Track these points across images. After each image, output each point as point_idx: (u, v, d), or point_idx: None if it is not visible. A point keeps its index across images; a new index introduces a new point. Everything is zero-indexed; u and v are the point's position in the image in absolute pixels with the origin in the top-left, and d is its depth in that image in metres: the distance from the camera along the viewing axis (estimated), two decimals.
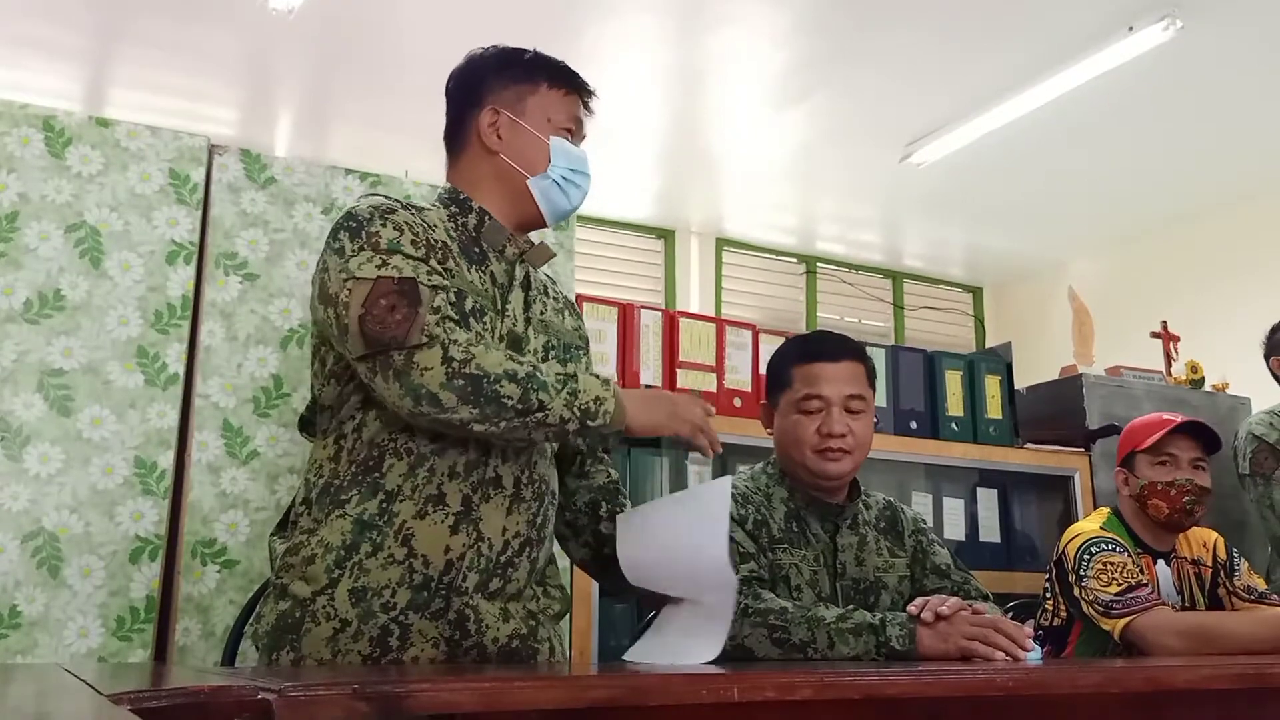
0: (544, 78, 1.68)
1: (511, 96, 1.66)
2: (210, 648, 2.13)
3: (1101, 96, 3.92)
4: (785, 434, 1.95)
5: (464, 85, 1.70)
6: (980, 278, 6.23)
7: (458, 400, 1.40)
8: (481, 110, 1.66)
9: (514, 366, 1.43)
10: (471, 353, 1.42)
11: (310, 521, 1.54)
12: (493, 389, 1.41)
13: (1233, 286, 4.75)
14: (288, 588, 1.51)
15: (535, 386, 1.42)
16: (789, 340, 2.12)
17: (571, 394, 1.44)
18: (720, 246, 5.61)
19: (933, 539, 2.05)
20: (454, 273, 1.54)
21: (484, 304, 1.57)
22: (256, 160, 2.41)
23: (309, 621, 1.47)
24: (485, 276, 1.61)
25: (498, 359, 1.43)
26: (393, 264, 1.47)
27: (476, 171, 1.67)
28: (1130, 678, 1.37)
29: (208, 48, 3.70)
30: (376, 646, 1.47)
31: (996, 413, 3.27)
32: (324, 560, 1.49)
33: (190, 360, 2.26)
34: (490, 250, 1.64)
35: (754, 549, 1.83)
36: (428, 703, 0.90)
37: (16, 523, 2.06)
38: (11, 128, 2.21)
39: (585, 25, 3.58)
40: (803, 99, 4.09)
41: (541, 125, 1.66)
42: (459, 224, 1.63)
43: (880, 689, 1.12)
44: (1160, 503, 2.37)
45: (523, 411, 1.42)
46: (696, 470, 2.87)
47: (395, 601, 1.48)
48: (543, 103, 1.67)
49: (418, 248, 1.50)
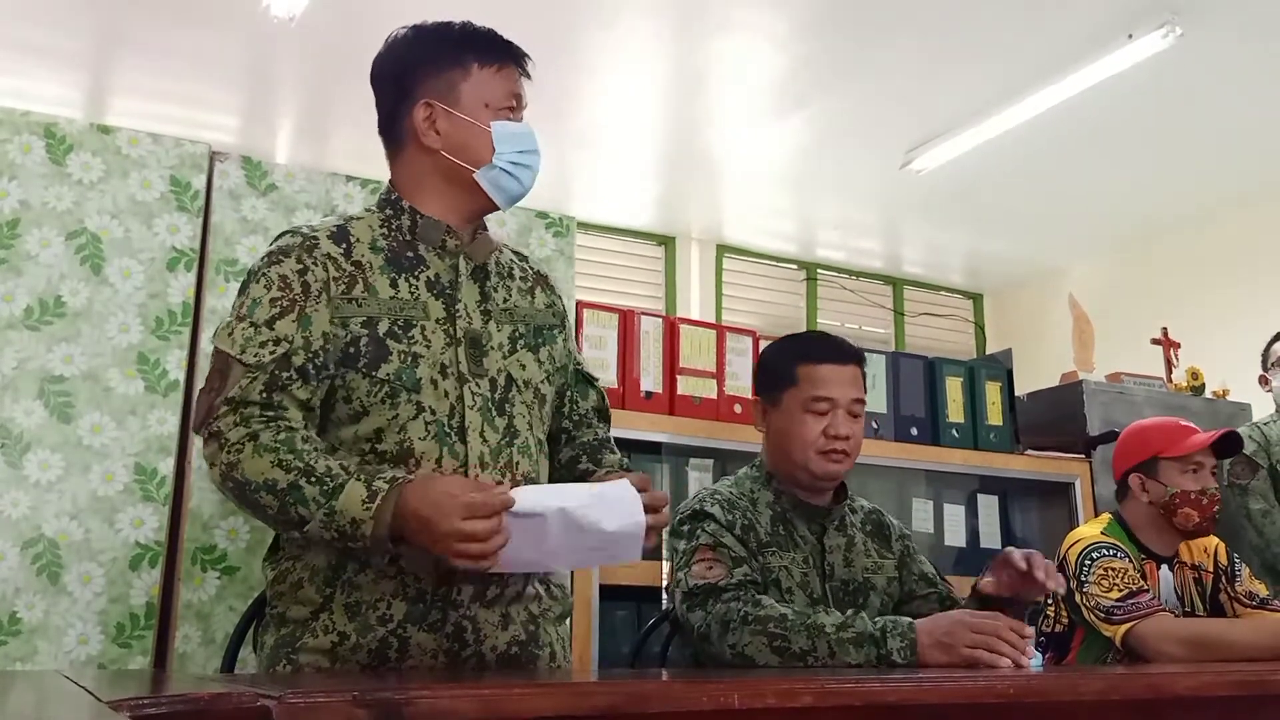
0: (473, 58, 1.58)
1: (443, 86, 1.56)
2: (210, 654, 2.13)
3: (1101, 104, 3.92)
4: (787, 433, 1.94)
5: (391, 77, 1.61)
6: (981, 284, 6.23)
7: (233, 497, 1.44)
8: (414, 105, 1.57)
9: (275, 476, 1.38)
10: (239, 459, 1.40)
11: (295, 548, 1.53)
12: (253, 497, 1.41)
13: (1233, 293, 4.74)
14: (285, 614, 1.51)
15: (294, 500, 1.38)
16: (788, 338, 2.11)
17: (329, 515, 1.36)
18: (720, 253, 5.61)
19: (915, 547, 2.09)
20: (363, 301, 1.50)
21: (411, 317, 1.51)
22: (257, 167, 2.41)
23: (307, 636, 1.48)
24: (418, 285, 1.54)
25: (261, 466, 1.39)
26: (235, 334, 1.47)
27: (417, 169, 1.59)
28: (1131, 684, 1.37)
29: (209, 55, 3.71)
30: (375, 658, 1.46)
31: (997, 419, 3.27)
32: (312, 583, 1.49)
33: (191, 367, 2.26)
34: (429, 251, 1.57)
35: (745, 553, 1.84)
36: (427, 710, 0.90)
37: (16, 529, 2.06)
38: (13, 135, 2.21)
39: (585, 32, 3.58)
40: (803, 105, 4.10)
41: (479, 112, 1.56)
42: (392, 228, 1.58)
43: (881, 696, 1.12)
44: (1192, 511, 2.36)
45: (284, 522, 1.41)
46: (697, 477, 2.87)
47: (392, 614, 1.47)
48: (476, 86, 1.57)
49: (277, 305, 1.47)
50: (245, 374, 1.44)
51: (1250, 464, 3.22)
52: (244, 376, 1.44)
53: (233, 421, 1.43)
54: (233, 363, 1.45)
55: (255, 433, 1.41)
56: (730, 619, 1.71)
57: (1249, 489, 3.20)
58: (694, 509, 1.90)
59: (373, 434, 1.48)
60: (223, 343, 1.47)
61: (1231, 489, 3.25)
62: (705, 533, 1.85)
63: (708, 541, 1.83)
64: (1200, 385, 3.82)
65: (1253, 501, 3.20)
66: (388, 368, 1.48)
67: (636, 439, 2.68)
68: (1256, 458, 3.22)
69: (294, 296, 1.48)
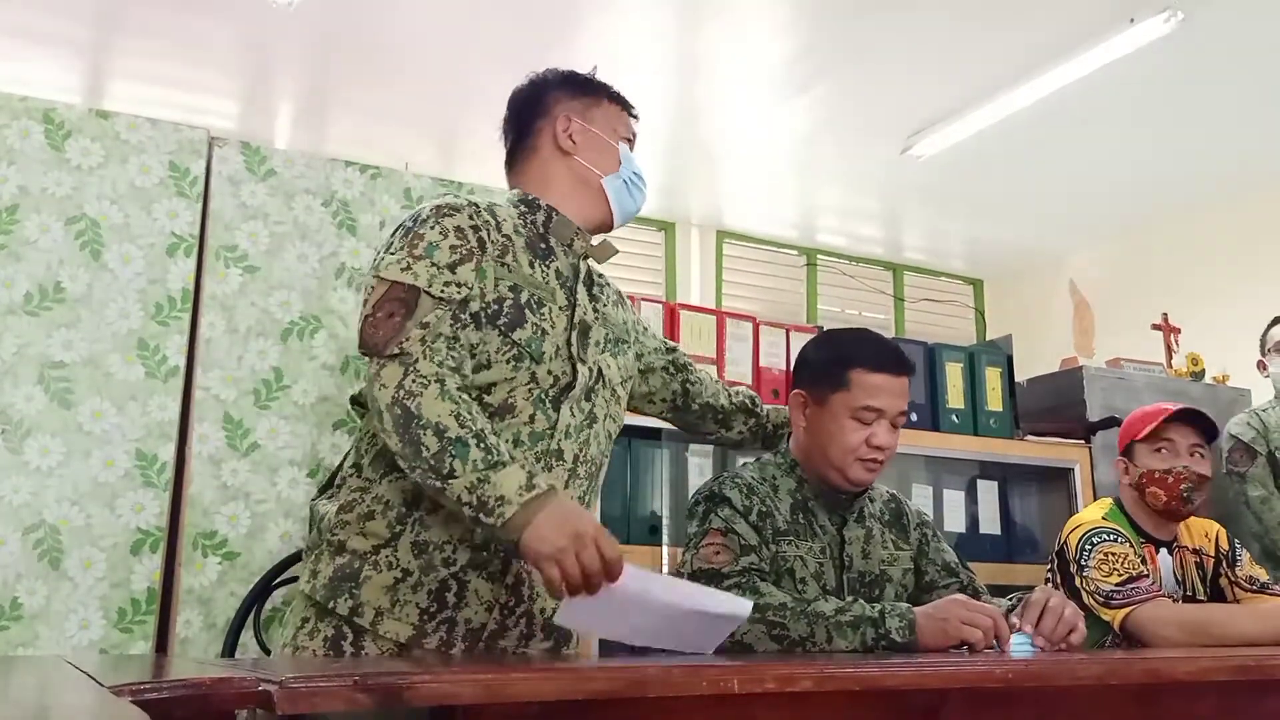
0: (604, 94, 1.82)
1: (580, 107, 1.78)
2: (211, 639, 2.13)
3: (1103, 89, 3.91)
4: (827, 434, 1.89)
5: (531, 99, 1.80)
6: (981, 270, 6.23)
7: (390, 426, 1.44)
8: (553, 119, 1.76)
9: (449, 423, 1.41)
10: (423, 391, 1.43)
11: (362, 481, 1.58)
12: (417, 432, 1.42)
13: (1234, 278, 4.74)
14: (345, 543, 1.55)
15: (456, 454, 1.40)
16: (842, 336, 2.03)
17: (481, 480, 1.39)
18: (720, 239, 5.60)
19: (938, 534, 2.05)
20: (512, 268, 1.60)
21: (543, 296, 1.63)
22: (256, 153, 2.41)
23: (369, 569, 1.52)
24: (549, 271, 1.67)
25: (441, 409, 1.42)
26: (415, 269, 1.52)
27: (548, 174, 1.75)
28: (1130, 669, 1.37)
29: (208, 39, 3.69)
30: (434, 600, 1.52)
31: (997, 405, 3.27)
32: (385, 516, 1.54)
33: (191, 352, 2.26)
34: (557, 245, 1.70)
35: (756, 541, 1.83)
36: (428, 694, 0.90)
37: (18, 515, 2.07)
38: (11, 120, 2.21)
39: (585, 16, 3.57)
40: (803, 91, 4.09)
41: (609, 133, 1.79)
42: (528, 221, 1.70)
43: (880, 680, 1.12)
44: (1158, 490, 2.37)
45: (433, 469, 1.41)
46: (698, 464, 2.87)
47: (456, 558, 1.53)
48: (607, 114, 1.80)
49: (457, 251, 1.55)
50: (436, 306, 1.50)
51: (1248, 451, 3.24)
52: (436, 308, 1.50)
53: (424, 351, 1.47)
54: (421, 294, 1.50)
55: (444, 376, 1.46)
56: None
57: (1248, 476, 3.23)
58: (711, 490, 1.89)
59: (486, 385, 1.56)
60: (400, 276, 1.51)
61: (1230, 476, 3.27)
62: (718, 517, 1.84)
63: (719, 526, 1.83)
64: (1200, 371, 3.82)
65: (1251, 488, 3.22)
66: (521, 333, 1.58)
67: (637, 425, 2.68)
68: (1255, 444, 3.24)
69: (470, 248, 1.57)
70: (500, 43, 3.60)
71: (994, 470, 3.31)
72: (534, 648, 1.61)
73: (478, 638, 1.55)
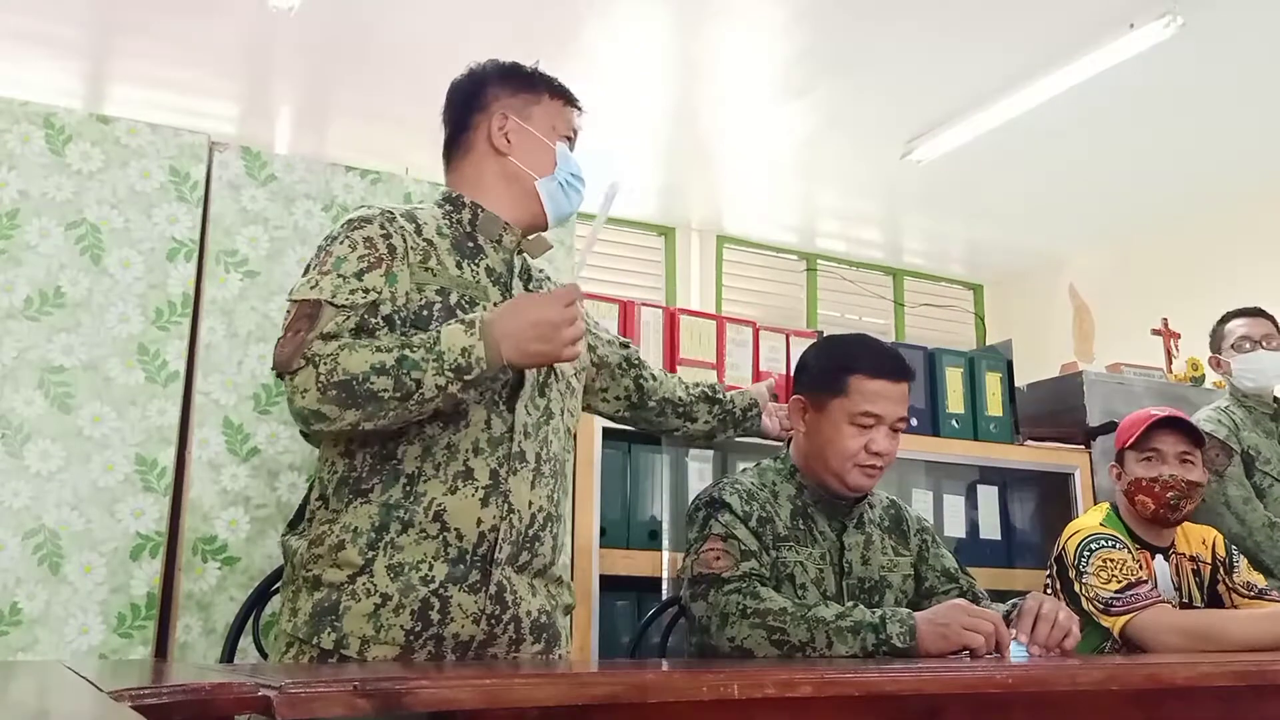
0: (545, 90, 1.77)
1: (519, 104, 1.74)
2: (211, 645, 2.13)
3: (1102, 93, 3.91)
4: (826, 440, 1.90)
5: (468, 92, 1.77)
6: (981, 275, 6.23)
7: (338, 409, 1.45)
8: (489, 115, 1.73)
9: (380, 358, 1.45)
10: (337, 361, 1.45)
11: (329, 513, 1.57)
12: (365, 387, 1.44)
13: (1233, 283, 4.73)
14: (320, 577, 1.54)
15: (406, 368, 1.44)
16: (841, 342, 2.04)
17: (438, 358, 1.45)
18: (720, 243, 5.61)
19: (938, 540, 2.04)
20: (437, 272, 1.60)
21: (475, 295, 1.62)
22: (257, 157, 2.41)
23: (348, 600, 1.51)
24: (479, 270, 1.66)
25: (362, 358, 1.45)
26: (320, 284, 1.53)
27: (481, 172, 1.73)
28: (1131, 675, 1.37)
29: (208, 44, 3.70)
30: (418, 620, 1.50)
31: (997, 410, 3.27)
32: (355, 544, 1.53)
33: (191, 357, 2.26)
34: (486, 243, 1.69)
35: (756, 547, 1.82)
36: (428, 699, 0.90)
37: (17, 520, 2.06)
38: (12, 125, 2.21)
39: (584, 20, 3.58)
40: (802, 95, 4.09)
41: (547, 132, 1.74)
42: (453, 220, 1.69)
43: (880, 686, 1.12)
44: (1146, 499, 2.37)
45: (402, 398, 1.45)
46: (697, 469, 2.87)
47: (434, 575, 1.52)
48: (547, 112, 1.76)
49: (365, 260, 1.55)
50: (338, 313, 1.51)
51: (1225, 449, 3.10)
52: (337, 315, 1.51)
53: (332, 343, 1.48)
54: (323, 305, 1.51)
55: (344, 344, 1.48)
56: (729, 612, 1.71)
57: (1226, 475, 3.07)
58: (711, 496, 1.89)
59: None
60: (307, 293, 1.53)
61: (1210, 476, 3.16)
62: (718, 522, 1.84)
63: (719, 531, 1.83)
64: (1200, 376, 3.82)
65: (1231, 488, 3.06)
66: None
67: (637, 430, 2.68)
68: (1229, 442, 3.13)
69: (380, 255, 1.57)
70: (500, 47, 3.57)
71: (994, 475, 3.30)
72: (525, 652, 1.61)
73: (466, 650, 1.54)
